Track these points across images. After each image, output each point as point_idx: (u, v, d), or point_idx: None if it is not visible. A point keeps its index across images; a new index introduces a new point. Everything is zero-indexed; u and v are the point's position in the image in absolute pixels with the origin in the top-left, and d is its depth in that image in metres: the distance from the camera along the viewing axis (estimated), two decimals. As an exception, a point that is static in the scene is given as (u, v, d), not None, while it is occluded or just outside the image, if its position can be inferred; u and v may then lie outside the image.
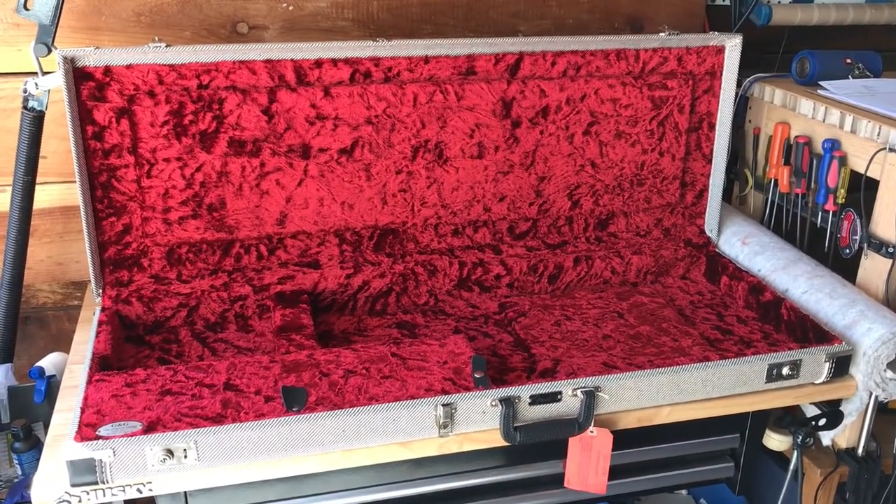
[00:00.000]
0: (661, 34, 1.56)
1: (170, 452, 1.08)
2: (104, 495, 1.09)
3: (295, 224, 1.51)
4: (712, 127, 1.66)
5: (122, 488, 1.09)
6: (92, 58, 1.32)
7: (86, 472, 1.07)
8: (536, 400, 1.21)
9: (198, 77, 1.38)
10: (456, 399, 1.18)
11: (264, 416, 1.14)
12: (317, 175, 1.49)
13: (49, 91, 1.39)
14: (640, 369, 1.30)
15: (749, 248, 1.67)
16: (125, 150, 1.39)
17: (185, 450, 1.09)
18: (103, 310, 1.41)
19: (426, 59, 1.47)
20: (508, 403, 1.19)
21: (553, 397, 1.22)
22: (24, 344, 1.75)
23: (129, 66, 1.34)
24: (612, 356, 1.39)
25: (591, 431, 1.25)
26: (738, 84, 1.75)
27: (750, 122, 1.83)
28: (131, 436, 1.08)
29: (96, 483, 1.08)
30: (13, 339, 1.51)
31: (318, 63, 1.42)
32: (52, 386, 1.41)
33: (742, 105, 1.82)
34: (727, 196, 1.89)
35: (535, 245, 1.64)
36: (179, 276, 1.48)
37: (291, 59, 1.41)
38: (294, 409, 1.16)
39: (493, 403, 1.19)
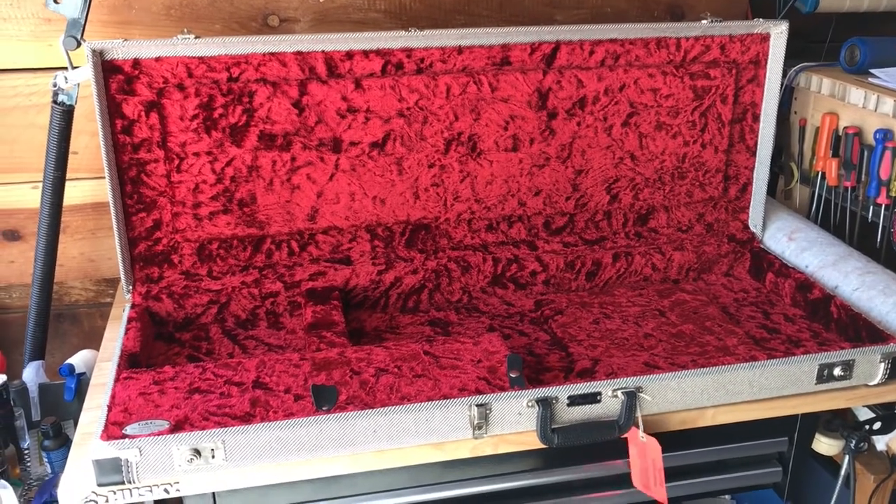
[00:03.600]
0: (702, 21, 1.50)
1: (197, 452, 1.06)
2: (131, 495, 1.07)
3: (326, 219, 1.48)
4: (756, 118, 1.60)
5: (149, 488, 1.07)
6: (121, 50, 1.30)
7: (112, 472, 1.04)
8: (575, 401, 1.17)
9: (228, 70, 1.35)
10: (491, 399, 1.13)
11: (294, 415, 1.11)
12: (348, 169, 1.45)
13: (79, 85, 1.37)
14: (683, 369, 1.25)
15: (796, 243, 1.60)
16: (155, 145, 1.37)
17: (212, 449, 1.06)
18: (133, 307, 1.39)
19: (459, 50, 1.43)
20: (546, 404, 1.15)
21: (592, 398, 1.17)
22: (57, 341, 1.75)
23: (158, 59, 1.32)
24: (654, 356, 1.34)
25: (642, 437, 1.20)
26: (784, 73, 1.68)
27: (796, 113, 1.76)
28: (158, 435, 1.06)
29: (123, 483, 1.05)
30: (45, 336, 1.50)
31: (350, 54, 1.39)
32: (82, 383, 1.39)
33: (787, 95, 1.75)
34: (772, 190, 1.83)
35: (573, 241, 1.60)
36: (210, 272, 1.45)
37: (322, 51, 1.38)
38: (324, 409, 1.12)
39: (530, 404, 1.15)
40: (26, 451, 1.38)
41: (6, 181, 1.58)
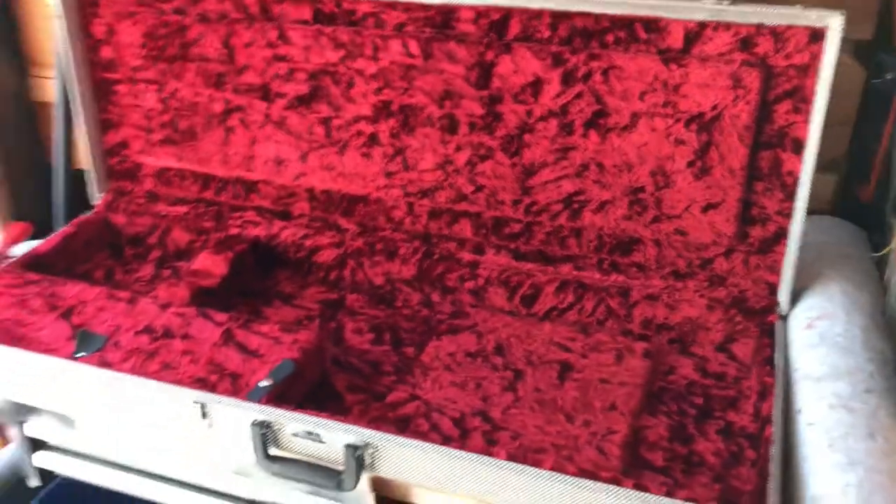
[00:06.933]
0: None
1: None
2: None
3: (260, 169, 1.42)
4: (800, 147, 1.12)
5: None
6: (83, -27, 1.38)
7: None
8: (298, 434, 1.01)
9: (171, 1, 1.35)
10: (206, 400, 1.03)
11: (54, 351, 1.13)
12: (277, 120, 1.37)
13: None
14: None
15: (810, 334, 1.12)
16: (118, 65, 1.43)
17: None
18: (92, 212, 1.51)
19: (394, 5, 1.23)
20: (264, 426, 1.01)
21: (317, 437, 1.00)
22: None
23: (114, -15, 1.37)
24: (482, 413, 1.08)
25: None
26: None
27: (922, 148, 1.19)
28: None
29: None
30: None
31: (282, -3, 1.28)
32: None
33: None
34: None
35: (528, 252, 1.31)
36: (169, 196, 1.50)
37: (258, -10, 1.29)
38: (79, 355, 1.13)
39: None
40: None
41: None
